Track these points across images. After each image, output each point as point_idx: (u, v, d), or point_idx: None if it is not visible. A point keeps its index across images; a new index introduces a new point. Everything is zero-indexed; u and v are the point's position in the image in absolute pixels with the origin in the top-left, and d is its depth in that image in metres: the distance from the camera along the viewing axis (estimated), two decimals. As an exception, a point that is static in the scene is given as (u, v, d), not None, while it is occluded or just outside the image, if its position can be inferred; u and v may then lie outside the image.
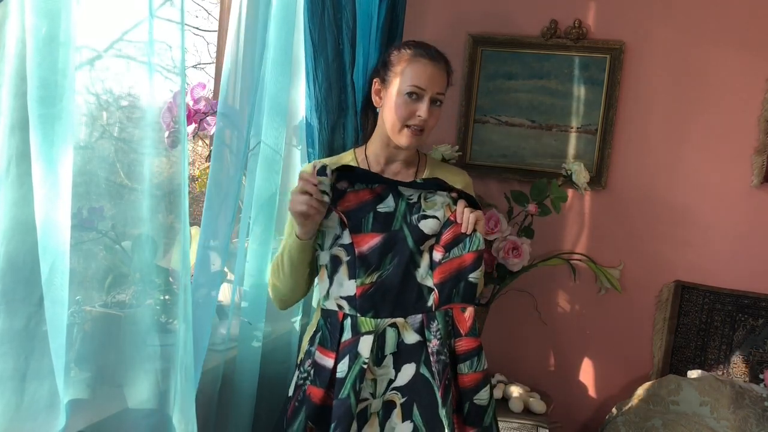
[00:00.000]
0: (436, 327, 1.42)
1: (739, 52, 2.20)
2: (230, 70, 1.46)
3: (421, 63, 1.53)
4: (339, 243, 1.44)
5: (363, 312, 1.42)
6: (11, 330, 1.03)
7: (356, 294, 1.42)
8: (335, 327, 1.42)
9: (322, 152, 1.82)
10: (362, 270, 1.42)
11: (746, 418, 1.97)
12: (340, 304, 1.43)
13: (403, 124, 1.54)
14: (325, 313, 1.45)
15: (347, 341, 1.40)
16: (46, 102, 1.00)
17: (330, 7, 1.75)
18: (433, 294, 1.44)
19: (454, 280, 1.43)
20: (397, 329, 1.43)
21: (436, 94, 1.54)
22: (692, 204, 2.28)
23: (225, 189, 1.47)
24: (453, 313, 1.44)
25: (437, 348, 1.40)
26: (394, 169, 1.64)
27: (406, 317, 1.43)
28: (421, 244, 1.44)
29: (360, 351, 1.39)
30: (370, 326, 1.41)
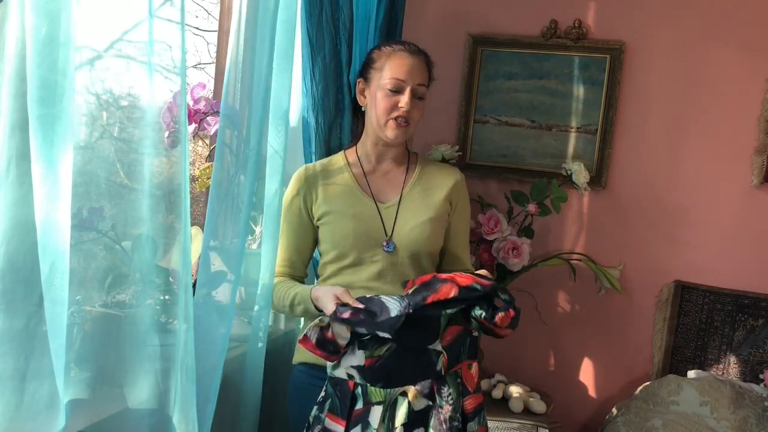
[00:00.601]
0: (447, 392, 1.39)
1: (739, 52, 2.20)
2: (231, 71, 1.46)
3: (399, 56, 1.56)
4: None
5: (373, 382, 1.38)
6: (11, 330, 1.03)
7: (365, 365, 1.38)
8: (345, 395, 1.39)
9: (320, 151, 1.82)
10: (369, 343, 1.38)
11: (746, 418, 1.97)
12: (350, 374, 1.40)
13: (387, 117, 1.55)
14: (333, 381, 1.41)
15: (359, 410, 1.38)
16: (46, 102, 1.00)
17: (328, 6, 1.76)
18: (441, 357, 1.39)
19: (462, 339, 1.41)
20: (408, 397, 1.38)
21: (417, 85, 1.55)
22: (692, 204, 2.28)
23: (225, 189, 1.47)
24: (462, 373, 1.42)
25: (450, 414, 1.37)
26: (385, 168, 1.65)
27: (415, 383, 1.39)
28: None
29: (371, 421, 1.36)
30: (380, 396, 1.38)
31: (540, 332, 2.43)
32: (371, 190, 1.63)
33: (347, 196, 1.60)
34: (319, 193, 1.61)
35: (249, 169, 1.47)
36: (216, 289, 1.47)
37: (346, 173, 1.63)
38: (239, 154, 1.49)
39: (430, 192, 1.64)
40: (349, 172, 1.64)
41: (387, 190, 1.64)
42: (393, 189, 1.64)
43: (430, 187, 1.64)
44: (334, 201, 1.60)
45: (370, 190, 1.62)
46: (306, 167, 1.66)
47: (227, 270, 1.48)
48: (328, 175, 1.63)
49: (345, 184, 1.62)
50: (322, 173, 1.64)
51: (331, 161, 1.68)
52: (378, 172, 1.65)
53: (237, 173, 1.49)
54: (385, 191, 1.64)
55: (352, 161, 1.65)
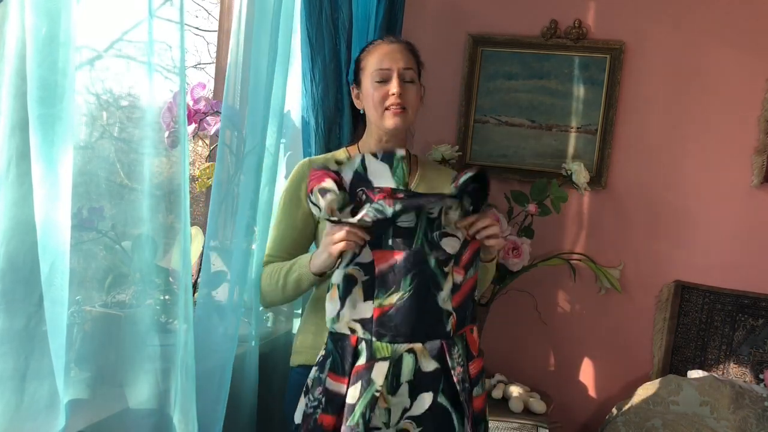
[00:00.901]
0: (457, 353, 1.35)
1: (739, 52, 2.20)
2: (232, 71, 1.46)
3: (379, 48, 1.57)
4: (356, 261, 1.33)
5: (379, 336, 1.32)
6: (11, 330, 1.03)
7: (373, 316, 1.32)
8: (347, 351, 1.33)
9: (318, 151, 1.82)
10: (381, 291, 1.32)
11: (746, 418, 1.97)
12: (352, 327, 1.33)
13: (381, 107, 1.54)
14: (334, 337, 1.35)
15: (361, 366, 1.31)
16: (46, 102, 1.00)
17: (327, 7, 1.76)
18: (451, 318, 1.36)
19: (468, 301, 1.39)
20: (415, 355, 1.34)
21: (404, 70, 1.54)
22: (692, 204, 2.28)
23: (225, 189, 1.47)
24: (466, 336, 1.39)
25: (462, 375, 1.34)
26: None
27: (424, 342, 1.34)
28: (444, 265, 1.35)
29: (374, 378, 1.30)
30: (386, 352, 1.31)
31: (540, 332, 2.43)
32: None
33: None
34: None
35: (247, 169, 1.47)
36: (216, 289, 1.47)
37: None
38: (239, 154, 1.49)
39: (432, 191, 1.64)
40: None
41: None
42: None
43: (433, 188, 1.64)
44: None
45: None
46: (310, 159, 1.64)
47: (227, 270, 1.48)
48: (331, 167, 1.62)
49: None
50: (325, 165, 1.62)
51: (334, 156, 1.65)
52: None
53: (237, 173, 1.49)
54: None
55: (355, 156, 1.65)
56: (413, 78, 1.57)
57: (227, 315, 1.47)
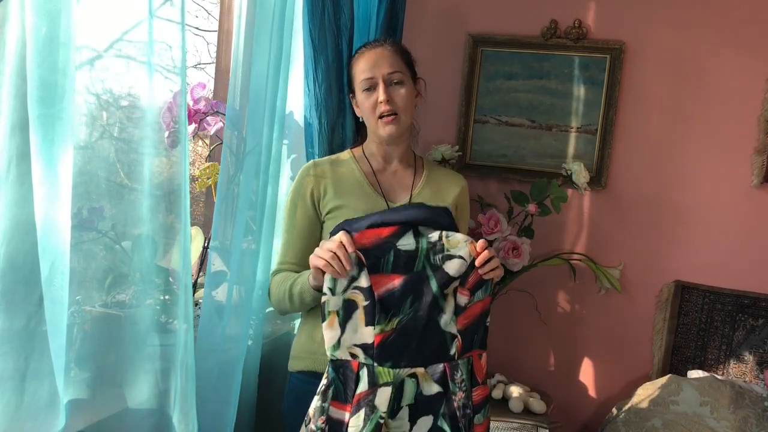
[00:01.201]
0: (460, 377, 1.33)
1: (739, 52, 2.20)
2: (235, 72, 1.46)
3: (362, 56, 1.58)
4: (354, 286, 1.32)
5: (381, 362, 1.31)
6: (11, 330, 1.03)
7: (374, 342, 1.31)
8: (350, 378, 1.31)
9: (322, 152, 1.82)
10: (382, 316, 1.31)
11: (746, 418, 1.97)
12: (353, 353, 1.32)
13: (375, 117, 1.55)
14: (335, 364, 1.33)
15: (362, 393, 1.29)
16: (46, 102, 1.00)
17: (330, 7, 1.76)
18: (456, 341, 1.34)
19: (476, 326, 1.36)
20: (417, 379, 1.33)
21: (388, 75, 1.54)
22: (692, 204, 2.28)
23: (226, 190, 1.47)
24: (473, 361, 1.37)
25: (463, 401, 1.32)
26: (393, 168, 1.65)
27: (426, 367, 1.33)
28: (445, 287, 1.34)
29: (377, 405, 1.28)
30: (389, 377, 1.30)
31: (540, 332, 2.43)
32: (381, 188, 1.61)
33: (358, 193, 1.58)
34: (328, 187, 1.58)
35: (247, 170, 1.47)
36: (216, 289, 1.47)
37: (355, 170, 1.62)
38: (239, 154, 1.49)
39: (438, 195, 1.63)
40: (358, 168, 1.62)
41: (397, 189, 1.63)
42: (403, 190, 1.63)
43: (439, 190, 1.64)
44: (346, 196, 1.57)
45: (380, 189, 1.61)
46: (314, 162, 1.64)
47: (227, 270, 1.48)
48: (337, 170, 1.61)
49: (355, 181, 1.60)
50: (330, 168, 1.61)
51: (339, 157, 1.66)
52: (387, 171, 1.64)
53: (237, 173, 1.49)
54: (395, 191, 1.63)
55: (359, 159, 1.64)
56: (401, 79, 1.55)
57: (231, 315, 1.47)
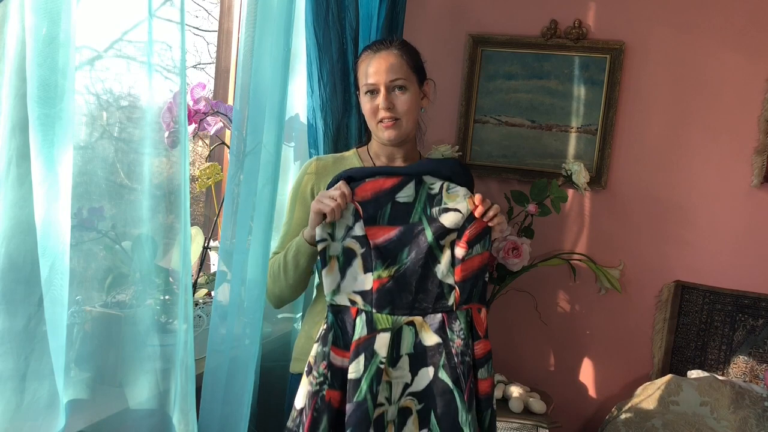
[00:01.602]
0: (458, 326, 1.34)
1: (739, 52, 2.20)
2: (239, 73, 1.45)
3: (367, 59, 1.56)
4: (351, 235, 1.35)
5: (379, 308, 1.33)
6: (11, 330, 1.03)
7: (372, 288, 1.33)
8: (348, 324, 1.33)
9: (326, 152, 1.82)
10: (379, 263, 1.33)
11: (746, 418, 1.97)
12: (353, 299, 1.34)
13: (375, 120, 1.56)
14: (335, 309, 1.34)
15: (361, 338, 1.30)
16: (46, 102, 1.00)
17: (334, 7, 1.75)
18: (454, 292, 1.35)
19: (474, 279, 1.35)
20: (415, 328, 1.35)
21: (390, 82, 1.53)
22: (692, 204, 2.28)
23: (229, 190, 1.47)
24: (472, 314, 1.37)
25: (461, 348, 1.32)
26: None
27: (424, 316, 1.35)
28: (441, 239, 1.35)
29: (377, 349, 1.30)
30: (387, 323, 1.32)
31: (540, 332, 2.43)
32: None
33: None
34: (331, 179, 1.59)
35: (248, 170, 1.46)
36: (221, 289, 1.47)
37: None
38: (239, 154, 1.49)
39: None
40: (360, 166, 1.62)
41: None
42: None
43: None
44: None
45: None
46: (318, 158, 1.64)
47: (227, 270, 1.48)
48: (340, 167, 1.60)
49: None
50: (334, 165, 1.61)
51: (343, 156, 1.66)
52: None
53: (237, 173, 1.49)
54: None
55: (364, 158, 1.64)
56: (404, 85, 1.54)
57: (236, 316, 1.47)
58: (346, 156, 1.66)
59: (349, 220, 1.35)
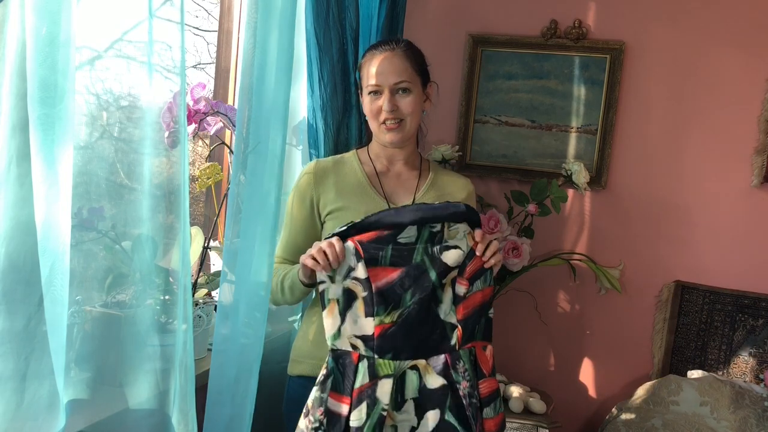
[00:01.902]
0: (463, 367, 1.32)
1: (739, 52, 2.20)
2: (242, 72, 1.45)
3: (372, 59, 1.55)
4: (353, 276, 1.31)
5: (381, 354, 1.29)
6: (11, 330, 1.03)
7: (374, 334, 1.30)
8: (349, 369, 1.30)
9: (326, 152, 1.82)
10: (381, 308, 1.30)
11: (746, 418, 1.97)
12: (354, 344, 1.31)
13: (377, 122, 1.54)
14: (336, 354, 1.31)
15: (363, 386, 1.28)
16: (46, 102, 1.00)
17: (334, 7, 1.75)
18: (456, 331, 1.33)
19: (477, 316, 1.35)
20: (418, 371, 1.32)
21: (394, 85, 1.52)
22: (692, 204, 2.28)
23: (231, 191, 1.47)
24: (476, 352, 1.35)
25: (468, 390, 1.30)
26: (397, 170, 1.64)
27: (427, 358, 1.32)
28: (443, 277, 1.33)
29: (379, 397, 1.27)
30: (389, 369, 1.29)
31: (540, 332, 2.43)
32: (384, 190, 1.60)
33: (360, 194, 1.57)
34: (330, 187, 1.57)
35: (249, 170, 1.46)
36: (223, 290, 1.47)
37: (358, 171, 1.61)
38: (239, 154, 1.49)
39: (442, 199, 1.60)
40: (361, 170, 1.61)
41: (400, 192, 1.61)
42: (406, 192, 1.62)
43: (443, 195, 1.62)
44: (347, 197, 1.56)
45: (382, 191, 1.59)
46: (317, 161, 1.63)
47: (230, 270, 1.48)
48: (339, 170, 1.60)
49: (357, 182, 1.59)
50: (333, 168, 1.61)
51: (342, 158, 1.65)
52: (390, 173, 1.63)
53: (238, 173, 1.49)
54: (398, 193, 1.61)
55: (363, 160, 1.63)
56: (408, 87, 1.53)
57: (239, 316, 1.47)
58: (345, 159, 1.65)
59: (351, 261, 1.31)
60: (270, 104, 1.49)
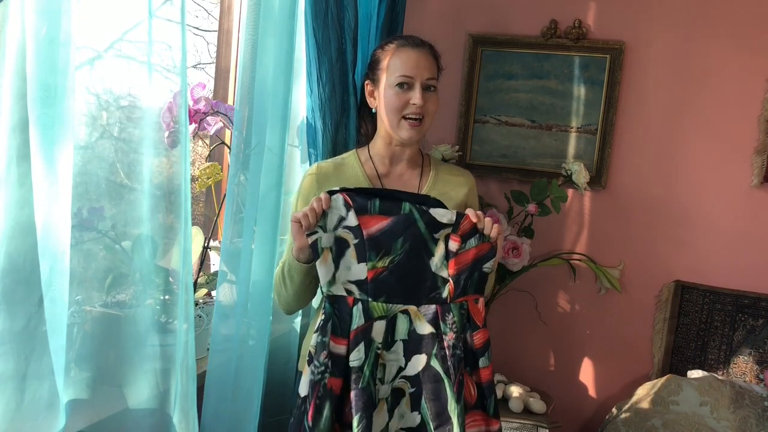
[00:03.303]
0: (452, 320, 1.37)
1: (739, 52, 2.20)
2: (240, 72, 1.46)
3: (404, 52, 1.51)
4: (344, 225, 1.37)
5: (375, 297, 1.36)
6: (11, 330, 1.03)
7: (367, 278, 1.36)
8: (345, 312, 1.36)
9: (325, 152, 1.81)
10: (373, 253, 1.36)
11: (746, 418, 1.97)
12: (349, 289, 1.37)
13: (399, 115, 1.51)
14: (332, 299, 1.37)
15: (360, 327, 1.35)
16: (46, 102, 1.00)
17: (333, 7, 1.75)
18: (448, 285, 1.38)
19: (469, 271, 1.38)
20: (409, 316, 1.39)
21: (427, 80, 1.51)
22: (692, 204, 2.28)
23: (230, 191, 1.47)
24: (468, 305, 1.40)
25: (453, 342, 1.36)
26: (399, 170, 1.61)
27: (419, 306, 1.39)
28: (435, 232, 1.38)
29: (374, 337, 1.35)
30: (382, 311, 1.37)
31: (540, 332, 2.43)
32: None
33: None
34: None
35: (250, 170, 1.47)
36: (222, 290, 1.47)
37: (359, 174, 1.59)
38: (239, 154, 1.49)
39: (444, 197, 1.58)
40: (362, 172, 1.59)
41: None
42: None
43: (445, 192, 1.61)
44: None
45: None
46: (318, 165, 1.61)
47: (230, 270, 1.48)
48: (341, 174, 1.59)
49: (358, 185, 1.57)
50: (335, 172, 1.59)
51: (343, 160, 1.63)
52: (392, 174, 1.61)
53: (237, 173, 1.49)
54: None
55: (364, 160, 1.61)
56: (435, 86, 1.53)
57: (239, 316, 1.47)
58: (346, 161, 1.62)
59: (341, 211, 1.36)
60: (270, 104, 1.49)
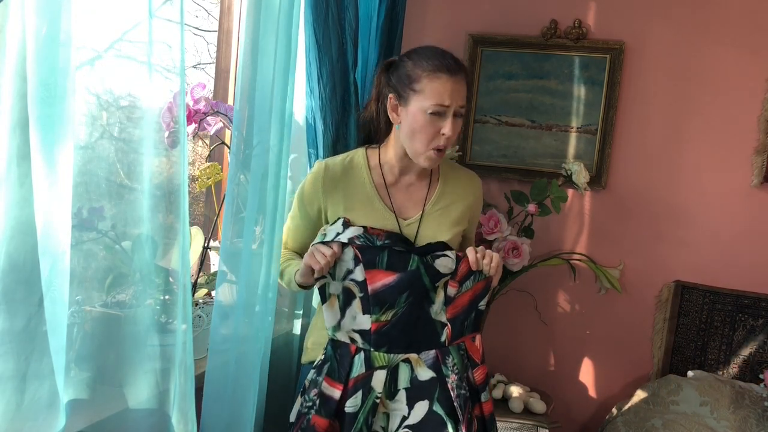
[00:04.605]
0: (452, 362, 1.44)
1: (739, 52, 2.20)
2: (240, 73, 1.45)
3: (441, 79, 1.45)
4: (351, 278, 1.44)
5: (377, 347, 1.43)
6: (11, 330, 1.03)
7: (371, 330, 1.43)
8: (345, 359, 1.43)
9: (325, 152, 1.81)
10: (377, 308, 1.43)
11: (746, 418, 1.97)
12: (353, 338, 1.44)
13: (427, 144, 1.47)
14: (335, 344, 1.45)
15: (360, 376, 1.41)
16: (46, 102, 1.00)
17: (334, 6, 1.75)
18: (446, 329, 1.46)
19: (466, 313, 1.46)
20: (411, 364, 1.44)
21: (459, 107, 1.47)
22: (692, 204, 2.28)
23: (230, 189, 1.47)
24: (465, 345, 1.47)
25: (456, 383, 1.42)
26: (407, 181, 1.60)
27: (419, 353, 1.45)
28: (436, 281, 1.45)
29: (374, 386, 1.41)
30: (384, 361, 1.43)
31: (540, 332, 2.43)
32: (393, 204, 1.57)
33: (368, 207, 1.55)
34: (339, 196, 1.56)
35: (251, 170, 1.46)
36: (222, 290, 1.47)
37: (366, 182, 1.57)
38: (239, 154, 1.49)
39: (450, 208, 1.60)
40: (369, 180, 1.57)
41: (409, 205, 1.58)
42: (415, 204, 1.59)
43: (451, 203, 1.60)
44: (355, 209, 1.54)
45: (391, 205, 1.56)
46: (326, 164, 1.59)
47: (229, 270, 1.48)
48: (349, 177, 1.57)
49: (365, 195, 1.56)
50: (342, 175, 1.57)
51: (352, 162, 1.60)
52: (400, 184, 1.59)
53: (237, 173, 1.49)
54: (406, 206, 1.58)
55: (373, 166, 1.59)
56: (463, 113, 1.50)
57: (239, 316, 1.47)
58: (354, 163, 1.59)
59: (349, 264, 1.43)
60: (270, 104, 1.48)
